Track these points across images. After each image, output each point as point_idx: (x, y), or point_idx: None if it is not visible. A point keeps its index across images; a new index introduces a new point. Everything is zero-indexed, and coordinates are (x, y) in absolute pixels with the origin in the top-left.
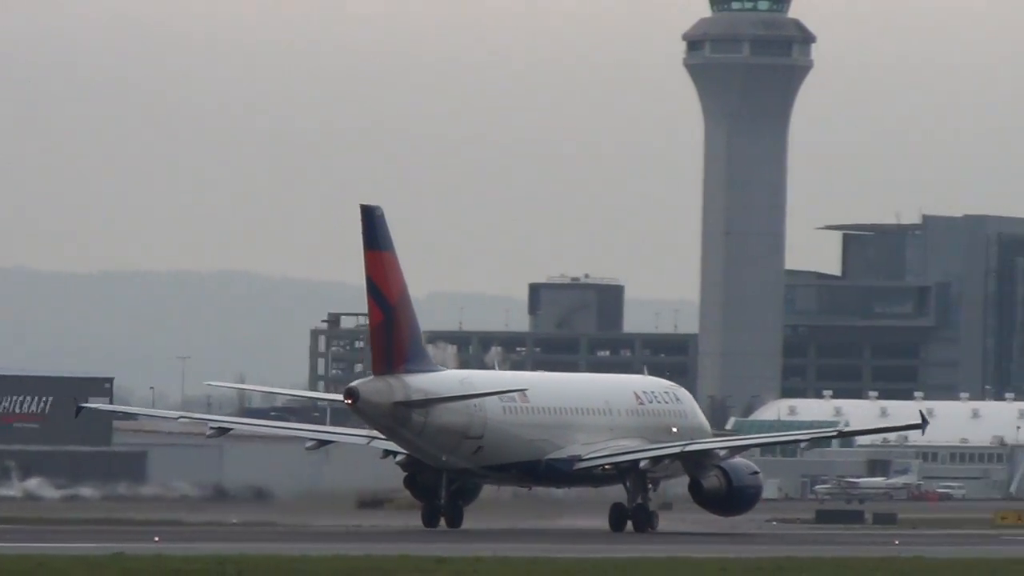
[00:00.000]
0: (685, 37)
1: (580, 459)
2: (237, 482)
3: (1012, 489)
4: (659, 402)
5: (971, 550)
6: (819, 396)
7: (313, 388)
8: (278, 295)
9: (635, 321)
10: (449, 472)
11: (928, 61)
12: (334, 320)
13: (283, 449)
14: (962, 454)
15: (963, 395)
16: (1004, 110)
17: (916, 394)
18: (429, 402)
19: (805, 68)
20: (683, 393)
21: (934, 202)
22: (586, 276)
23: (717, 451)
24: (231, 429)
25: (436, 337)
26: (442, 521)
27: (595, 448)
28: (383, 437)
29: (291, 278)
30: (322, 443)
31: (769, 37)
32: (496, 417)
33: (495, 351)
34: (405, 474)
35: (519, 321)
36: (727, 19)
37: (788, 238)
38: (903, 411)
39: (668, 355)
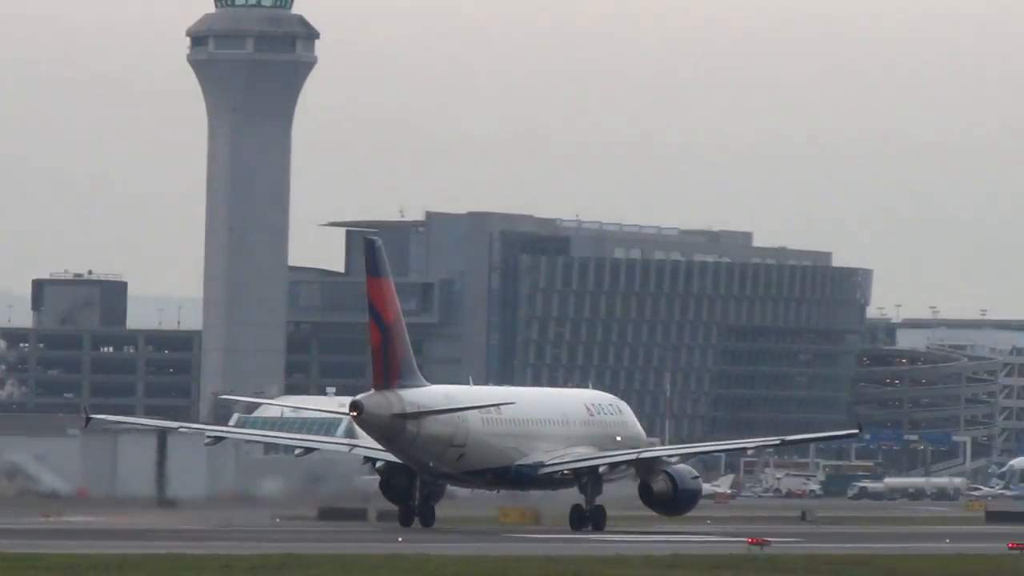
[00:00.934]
0: (189, 33)
1: (544, 465)
2: None
3: None
4: (606, 414)
5: (474, 547)
6: (322, 392)
7: None
8: None
9: (139, 318)
10: (427, 476)
11: (441, 60)
12: None
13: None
14: None
15: None
16: (507, 108)
17: None
18: (422, 414)
19: (309, 64)
20: (624, 406)
21: (438, 200)
22: (89, 272)
23: (666, 458)
24: (225, 438)
25: None
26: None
27: (555, 455)
28: (364, 445)
29: None
30: (308, 450)
31: (273, 33)
32: (476, 428)
33: None
34: (380, 479)
35: (22, 317)
36: (231, 15)
37: (292, 235)
38: None
39: (172, 351)
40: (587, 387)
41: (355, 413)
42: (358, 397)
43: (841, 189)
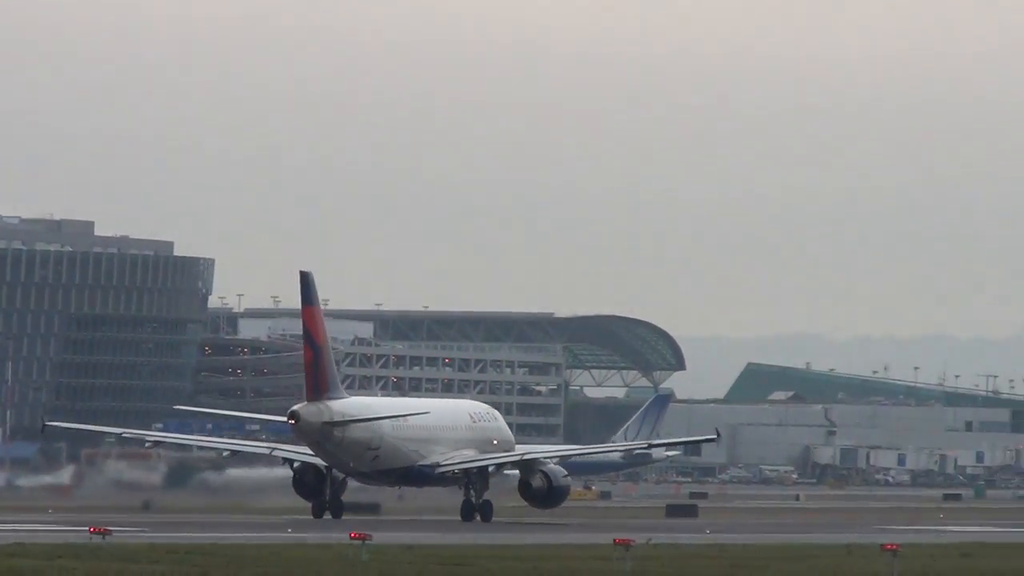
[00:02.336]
0: None
1: (440, 465)
2: None
3: None
4: (484, 421)
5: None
6: None
7: None
8: None
9: None
10: (347, 475)
11: None
12: None
13: None
14: None
15: None
16: None
17: None
18: (347, 422)
19: None
20: (497, 414)
21: None
22: None
23: (543, 459)
24: (162, 442)
25: None
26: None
27: (448, 457)
28: (283, 448)
29: None
30: (233, 452)
31: None
32: (388, 433)
33: None
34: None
35: None
36: None
37: None
38: None
39: None
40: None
41: (293, 421)
42: (295, 407)
43: (184, 181)
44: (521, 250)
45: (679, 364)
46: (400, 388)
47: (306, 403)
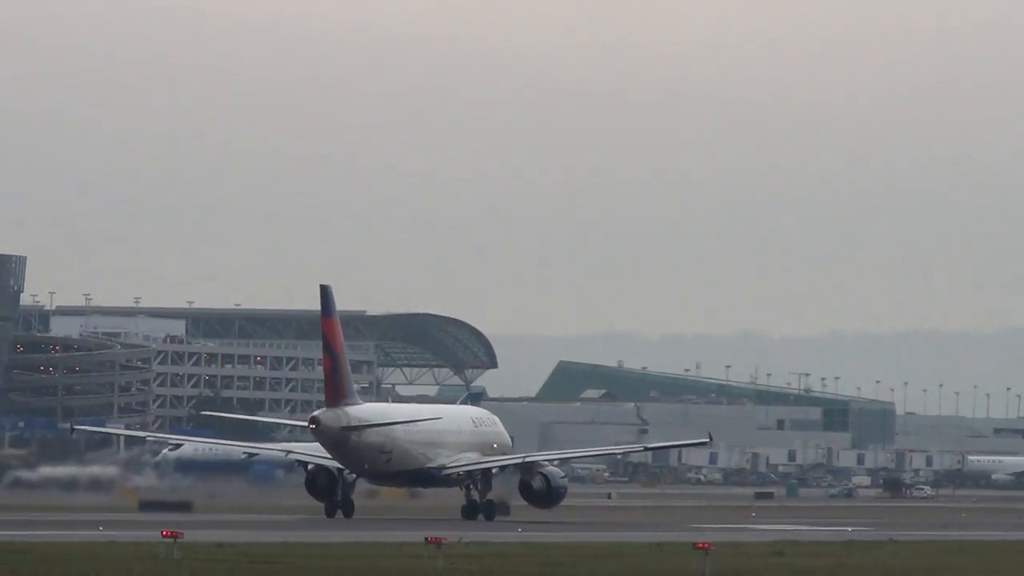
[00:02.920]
0: None
1: (446, 467)
2: None
3: None
4: (485, 426)
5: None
6: None
7: None
8: None
9: None
10: (362, 477)
11: None
12: None
13: None
14: None
15: None
16: None
17: None
18: (363, 427)
19: None
20: (496, 419)
21: None
22: None
23: (543, 461)
24: (182, 444)
25: None
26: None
27: (453, 459)
28: (298, 451)
29: None
30: (251, 455)
31: None
32: (400, 437)
33: None
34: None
35: None
36: None
37: None
38: None
39: None
40: None
41: (313, 426)
42: (315, 413)
43: None
44: (332, 249)
45: (491, 362)
46: (212, 386)
47: (325, 409)
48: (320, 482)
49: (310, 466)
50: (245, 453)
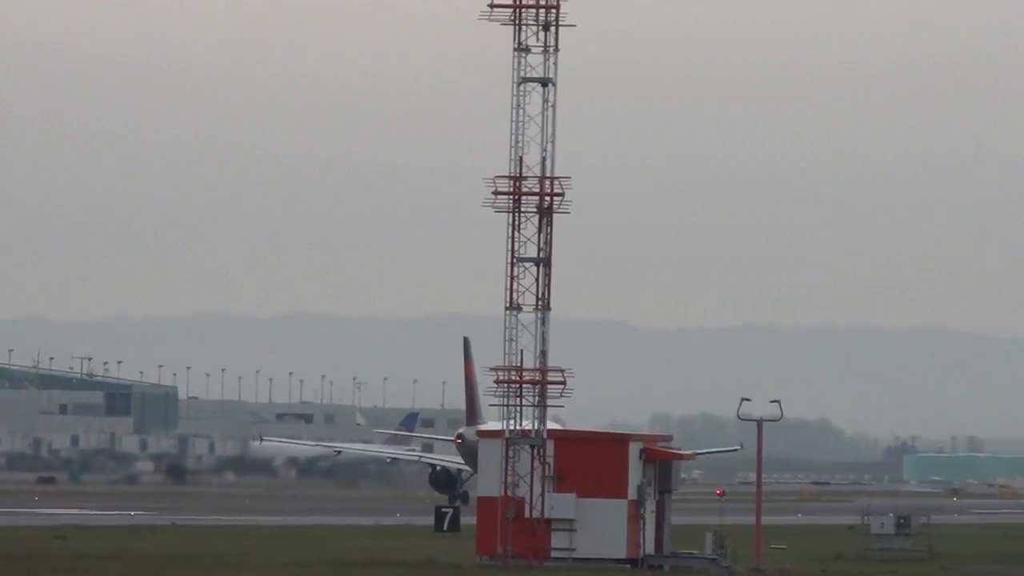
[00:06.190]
0: None
1: None
2: None
3: None
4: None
5: None
6: None
7: None
8: None
9: None
10: (469, 475)
11: None
12: None
13: None
14: None
15: None
16: None
17: None
18: None
19: None
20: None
21: None
22: None
23: None
24: (341, 451)
25: None
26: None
27: None
28: (428, 457)
29: None
30: (394, 459)
31: None
32: None
33: None
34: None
35: None
36: None
37: None
38: None
39: None
40: None
41: (458, 440)
42: (460, 430)
43: None
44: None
45: None
46: None
47: (466, 427)
48: (442, 479)
49: (437, 466)
50: (390, 457)
